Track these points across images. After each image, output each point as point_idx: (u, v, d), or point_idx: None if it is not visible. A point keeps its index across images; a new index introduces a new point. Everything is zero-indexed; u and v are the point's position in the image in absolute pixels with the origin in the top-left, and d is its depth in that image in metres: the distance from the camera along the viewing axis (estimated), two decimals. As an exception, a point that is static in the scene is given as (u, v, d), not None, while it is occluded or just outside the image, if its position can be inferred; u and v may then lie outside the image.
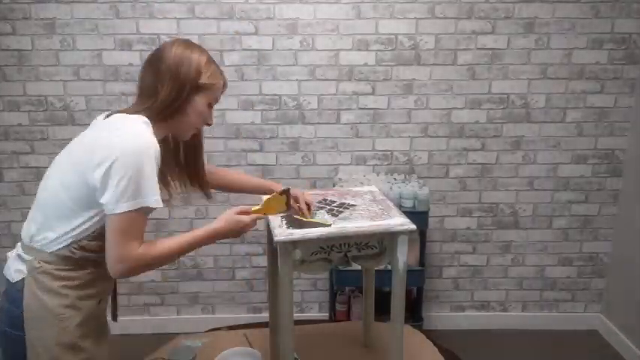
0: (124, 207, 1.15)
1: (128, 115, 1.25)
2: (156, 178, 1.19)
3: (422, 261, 2.57)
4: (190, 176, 1.48)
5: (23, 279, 1.23)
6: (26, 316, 1.22)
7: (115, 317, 1.50)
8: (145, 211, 1.19)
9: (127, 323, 2.73)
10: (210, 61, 1.32)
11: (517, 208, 2.74)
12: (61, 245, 1.22)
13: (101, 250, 1.22)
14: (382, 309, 1.82)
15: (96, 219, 1.22)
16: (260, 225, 2.66)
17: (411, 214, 2.33)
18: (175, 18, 2.45)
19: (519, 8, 2.47)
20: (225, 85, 1.39)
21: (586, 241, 2.78)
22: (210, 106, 1.35)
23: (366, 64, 2.53)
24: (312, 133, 2.62)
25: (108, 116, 1.28)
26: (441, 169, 2.68)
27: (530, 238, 2.78)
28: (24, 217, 2.72)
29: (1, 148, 2.58)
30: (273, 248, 1.61)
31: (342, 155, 2.65)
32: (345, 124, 2.61)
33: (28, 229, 1.27)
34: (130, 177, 1.14)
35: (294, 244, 1.36)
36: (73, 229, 1.22)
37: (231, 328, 2.07)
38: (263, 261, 2.74)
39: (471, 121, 2.62)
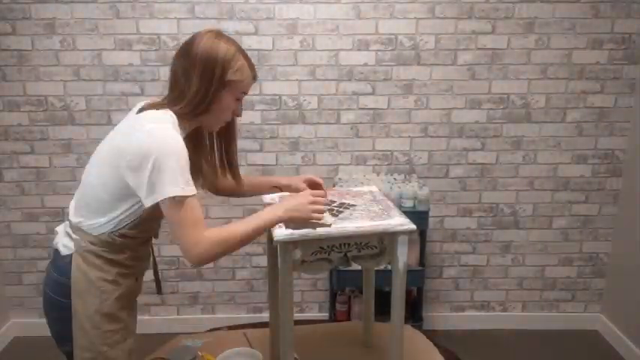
0: (176, 191, 1.18)
1: (157, 112, 1.27)
2: (189, 172, 1.22)
3: (422, 261, 2.57)
4: (223, 165, 1.50)
5: (71, 254, 1.32)
6: (73, 287, 1.31)
7: (159, 291, 1.62)
8: (193, 199, 1.22)
9: (127, 323, 2.74)
10: (238, 54, 1.30)
11: (517, 208, 2.74)
12: (104, 231, 1.30)
13: (140, 236, 1.35)
14: (382, 309, 1.82)
15: (132, 210, 1.28)
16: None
17: (411, 214, 2.33)
18: (175, 18, 2.45)
19: (519, 8, 2.47)
20: (255, 78, 1.38)
21: (586, 241, 2.78)
22: (238, 99, 1.35)
23: (366, 64, 2.53)
24: (312, 133, 2.62)
25: (141, 110, 1.30)
26: (441, 169, 2.68)
27: (531, 238, 2.78)
28: (24, 217, 2.75)
29: (1, 148, 2.58)
30: (273, 248, 1.61)
31: (342, 155, 2.65)
32: (345, 124, 2.61)
33: (74, 213, 1.35)
34: (173, 167, 1.17)
35: (294, 244, 1.36)
36: (112, 220, 1.29)
37: (231, 328, 2.06)
38: (263, 261, 2.74)
39: (471, 121, 2.62)
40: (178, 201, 1.19)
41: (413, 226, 1.41)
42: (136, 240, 1.36)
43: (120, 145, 1.25)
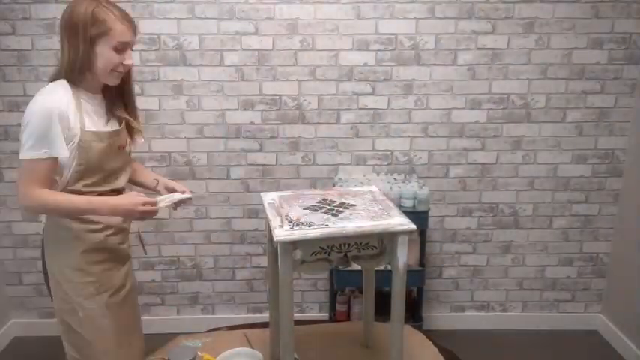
0: (25, 155, 1.35)
1: (49, 85, 1.41)
2: (61, 135, 1.36)
3: (422, 261, 2.57)
4: (128, 112, 1.60)
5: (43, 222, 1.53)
6: (46, 246, 1.51)
7: (145, 251, 1.77)
8: (46, 161, 1.36)
9: (127, 323, 2.74)
10: (99, 9, 1.36)
11: (517, 208, 2.74)
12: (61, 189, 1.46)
13: (88, 190, 1.45)
14: (382, 309, 1.82)
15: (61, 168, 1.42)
16: (260, 225, 2.68)
17: (411, 214, 2.33)
18: (175, 18, 2.45)
19: (519, 8, 2.47)
20: (132, 28, 1.44)
21: (586, 241, 2.78)
22: (117, 50, 1.40)
23: (366, 64, 2.53)
24: (312, 133, 2.62)
25: None
26: (441, 169, 2.68)
27: (531, 238, 2.78)
28: (24, 217, 2.74)
29: (1, 148, 2.58)
30: (273, 248, 1.61)
31: (342, 155, 2.65)
32: (345, 124, 2.61)
33: None
34: (31, 131, 1.34)
35: (294, 244, 1.36)
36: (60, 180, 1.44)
37: (231, 328, 2.07)
38: (263, 261, 2.74)
39: (471, 121, 2.62)
40: (31, 161, 1.35)
41: (413, 226, 1.41)
42: (90, 192, 1.46)
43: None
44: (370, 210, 1.53)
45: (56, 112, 1.34)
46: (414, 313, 2.66)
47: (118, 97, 1.55)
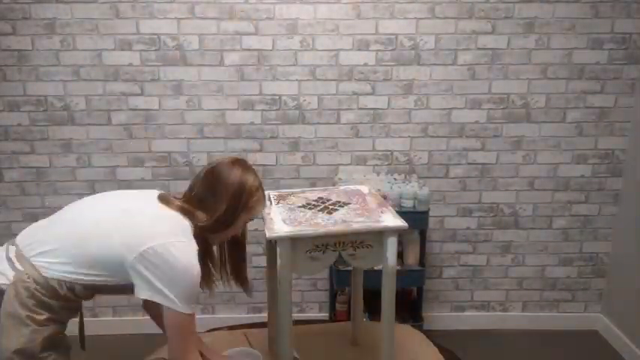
0: (184, 308, 1.28)
1: (179, 220, 1.32)
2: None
3: (422, 261, 2.57)
4: (231, 273, 1.58)
5: (3, 286, 1.25)
6: (2, 324, 1.25)
7: (83, 346, 1.54)
8: (194, 317, 1.36)
9: (127, 323, 2.74)
10: (260, 187, 1.44)
11: (517, 208, 2.73)
12: (57, 277, 1.26)
13: (84, 296, 1.33)
14: (380, 308, 1.82)
15: (103, 278, 1.29)
16: (260, 225, 2.67)
17: (411, 214, 2.36)
18: (175, 18, 2.45)
19: (519, 8, 2.47)
20: (264, 209, 1.50)
21: (586, 241, 2.78)
22: (245, 222, 1.46)
23: (366, 64, 2.53)
24: (312, 133, 2.62)
25: (163, 199, 1.37)
26: (441, 169, 2.68)
27: (531, 238, 2.78)
28: (24, 217, 2.74)
29: (1, 148, 2.58)
30: (272, 248, 1.61)
31: (342, 155, 2.65)
32: (345, 124, 2.61)
33: (34, 243, 1.30)
34: (192, 286, 1.28)
35: (289, 241, 1.36)
36: (80, 274, 1.27)
37: (231, 328, 2.06)
38: (263, 261, 2.73)
39: (471, 121, 2.62)
40: (187, 318, 1.31)
41: (405, 224, 1.41)
42: (77, 298, 1.33)
43: (141, 229, 1.28)
44: (364, 209, 1.53)
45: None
46: (414, 313, 2.66)
47: (227, 256, 1.56)
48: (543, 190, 2.71)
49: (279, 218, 1.47)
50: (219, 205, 1.35)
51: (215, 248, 1.50)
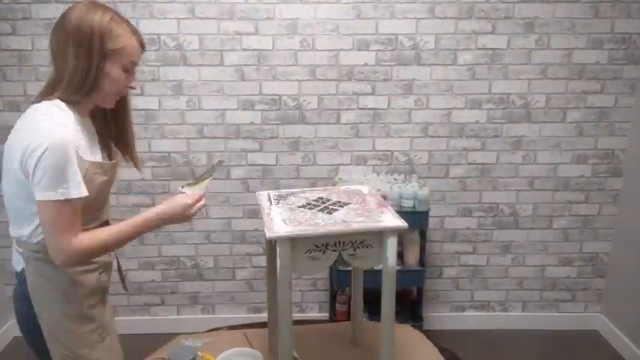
0: (48, 196, 1.13)
1: (41, 105, 1.18)
2: (78, 172, 1.16)
3: (422, 261, 2.57)
4: (118, 144, 1.40)
5: (24, 268, 1.29)
6: (33, 298, 1.27)
7: (125, 287, 1.55)
8: (71, 203, 1.16)
9: (127, 323, 2.74)
10: (116, 21, 1.19)
11: (517, 208, 2.74)
12: (38, 238, 1.24)
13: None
14: (380, 309, 1.82)
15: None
16: (260, 225, 2.67)
17: (411, 214, 2.36)
18: (175, 18, 2.45)
19: (519, 8, 2.47)
20: (142, 45, 1.28)
21: (586, 241, 2.78)
22: (126, 69, 1.25)
23: (366, 64, 2.53)
24: (312, 133, 2.62)
25: (32, 101, 1.23)
26: (441, 169, 2.68)
27: (531, 238, 2.78)
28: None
29: (1, 148, 2.57)
30: (271, 248, 1.61)
31: (342, 155, 2.65)
32: (345, 124, 2.61)
33: (11, 228, 1.30)
34: (53, 168, 1.12)
35: (289, 241, 1.36)
36: (39, 224, 1.21)
37: (231, 328, 2.06)
38: (263, 261, 2.74)
39: (471, 121, 2.62)
40: (51, 204, 1.13)
41: (405, 224, 1.41)
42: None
43: (12, 148, 1.18)
44: (364, 208, 1.53)
45: (72, 146, 1.14)
46: (414, 313, 2.66)
47: (111, 123, 1.37)
48: (543, 190, 2.71)
49: (279, 218, 1.47)
50: (67, 61, 1.16)
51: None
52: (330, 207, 1.56)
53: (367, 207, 1.55)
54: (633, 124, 2.60)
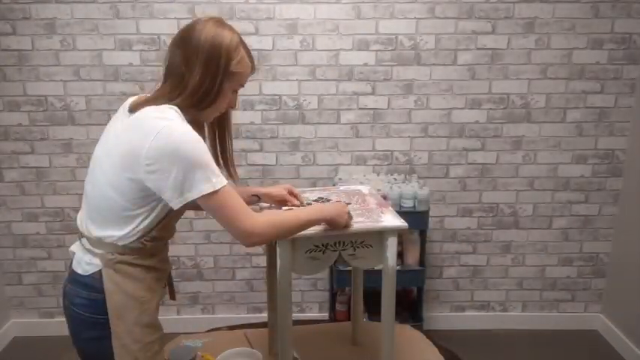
0: (207, 189, 1.14)
1: (160, 108, 1.18)
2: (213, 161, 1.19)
3: (422, 261, 2.57)
4: (219, 158, 1.42)
5: (100, 270, 1.23)
6: (109, 303, 1.22)
7: (173, 296, 1.53)
8: (227, 187, 1.18)
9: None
10: (241, 44, 1.24)
11: (517, 208, 2.73)
12: (132, 239, 1.23)
13: (166, 236, 1.30)
14: (381, 309, 1.82)
15: (156, 212, 1.22)
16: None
17: (411, 214, 2.36)
18: (175, 18, 2.45)
19: (519, 8, 2.47)
20: (253, 70, 1.31)
21: (586, 241, 2.78)
22: (234, 91, 1.29)
23: (366, 64, 2.53)
24: (312, 133, 2.62)
25: (132, 109, 1.21)
26: (441, 169, 2.68)
27: (531, 238, 2.78)
28: (24, 217, 2.74)
29: (1, 148, 2.58)
30: (271, 248, 1.61)
31: (342, 155, 2.65)
32: (345, 124, 2.61)
33: (89, 228, 1.26)
34: (199, 159, 1.14)
35: (290, 241, 1.36)
36: (138, 225, 1.22)
37: (231, 328, 2.07)
38: (263, 261, 2.74)
39: (471, 121, 2.62)
40: (215, 194, 1.15)
41: (405, 224, 1.41)
42: (164, 241, 1.32)
43: (131, 149, 1.15)
44: (364, 209, 1.53)
45: (198, 137, 1.16)
46: (414, 313, 2.66)
47: (215, 139, 1.41)
48: (543, 190, 2.71)
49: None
50: (193, 74, 1.19)
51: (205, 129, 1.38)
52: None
53: (367, 207, 1.55)
54: (633, 124, 2.60)
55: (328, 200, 1.62)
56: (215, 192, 1.15)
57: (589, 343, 2.76)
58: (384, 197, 2.31)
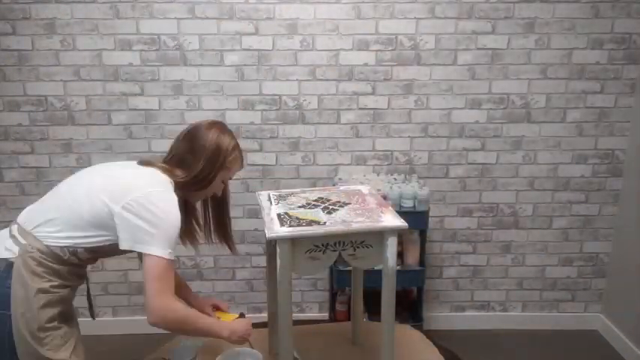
0: (160, 252, 1.31)
1: (162, 176, 1.42)
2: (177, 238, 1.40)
3: (422, 261, 2.57)
4: (218, 232, 1.67)
5: (11, 259, 1.32)
6: (13, 295, 1.31)
7: (93, 316, 1.66)
8: (172, 264, 1.35)
9: (127, 323, 2.74)
10: (237, 147, 1.55)
11: (517, 208, 2.73)
12: (59, 244, 1.34)
13: (87, 260, 1.41)
14: (381, 309, 1.82)
15: (103, 239, 1.37)
16: (260, 225, 2.67)
17: (411, 214, 2.36)
18: (175, 18, 2.45)
19: (519, 8, 2.47)
20: (242, 167, 1.61)
21: (586, 241, 2.78)
22: (223, 182, 1.56)
23: (366, 64, 2.53)
24: (312, 133, 2.62)
25: (142, 162, 1.47)
26: (441, 169, 2.68)
27: (531, 238, 2.78)
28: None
29: (1, 148, 2.58)
30: (272, 248, 1.61)
31: (342, 155, 2.65)
32: (345, 124, 2.61)
33: (34, 217, 1.38)
34: (171, 231, 1.33)
35: (289, 241, 1.36)
36: (78, 238, 1.35)
37: (231, 328, 2.06)
38: (263, 261, 2.74)
39: (471, 121, 2.62)
40: (159, 260, 1.31)
41: (405, 224, 1.41)
42: (81, 262, 1.41)
43: (124, 184, 1.36)
44: (364, 209, 1.53)
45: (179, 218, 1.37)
46: (414, 313, 2.65)
47: (212, 216, 1.66)
48: (543, 190, 2.71)
49: (279, 218, 1.47)
50: (197, 164, 1.46)
51: (199, 206, 1.63)
52: (330, 207, 1.56)
53: (367, 207, 1.55)
54: (633, 124, 2.60)
55: (328, 200, 1.62)
56: (160, 259, 1.31)
57: (589, 343, 2.76)
58: (384, 197, 2.31)
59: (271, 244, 1.63)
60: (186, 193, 1.49)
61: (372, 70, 2.54)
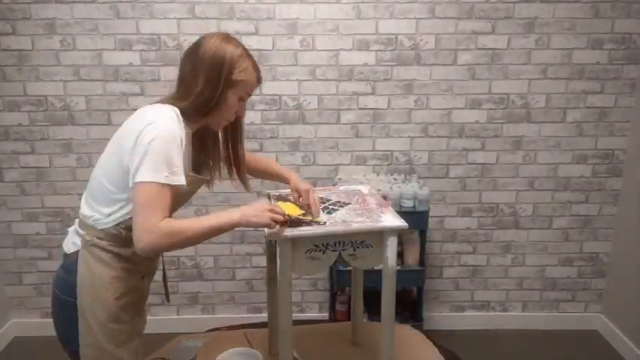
0: (153, 177, 1.19)
1: (162, 105, 1.30)
2: (182, 166, 1.25)
3: (422, 261, 2.57)
4: (230, 164, 1.51)
5: (78, 251, 1.33)
6: (79, 283, 1.31)
7: (168, 298, 1.63)
8: (169, 189, 1.22)
9: (127, 323, 2.74)
10: (244, 55, 1.33)
11: (517, 208, 2.73)
12: (109, 225, 1.31)
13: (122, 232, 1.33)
14: (381, 309, 1.82)
15: None
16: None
17: (411, 214, 2.36)
18: (175, 18, 2.45)
19: (519, 8, 2.47)
20: (259, 80, 1.39)
21: (586, 241, 2.78)
22: (241, 99, 1.37)
23: (366, 64, 2.53)
24: (312, 133, 2.62)
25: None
26: (441, 169, 2.68)
27: (531, 238, 2.78)
28: (24, 217, 2.75)
29: (1, 148, 2.58)
30: (272, 248, 1.61)
31: (342, 155, 2.65)
32: (345, 124, 2.61)
33: (83, 206, 1.37)
34: (160, 154, 1.20)
35: (289, 241, 1.36)
36: (116, 211, 1.30)
37: (231, 328, 2.07)
38: (263, 261, 2.74)
39: (471, 121, 2.62)
40: (149, 186, 1.19)
41: (405, 224, 1.41)
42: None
43: (121, 133, 1.30)
44: (364, 209, 1.53)
45: (179, 141, 1.25)
46: (414, 313, 2.66)
47: (226, 147, 1.49)
48: (543, 190, 2.71)
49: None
50: (197, 81, 1.29)
51: (213, 138, 1.47)
52: (330, 207, 1.56)
53: (367, 207, 1.55)
54: (633, 124, 2.60)
55: (328, 200, 1.62)
56: (147, 184, 1.19)
57: (589, 343, 2.76)
58: (384, 197, 2.31)
59: (271, 244, 1.63)
60: (199, 119, 1.34)
61: (372, 70, 2.54)
